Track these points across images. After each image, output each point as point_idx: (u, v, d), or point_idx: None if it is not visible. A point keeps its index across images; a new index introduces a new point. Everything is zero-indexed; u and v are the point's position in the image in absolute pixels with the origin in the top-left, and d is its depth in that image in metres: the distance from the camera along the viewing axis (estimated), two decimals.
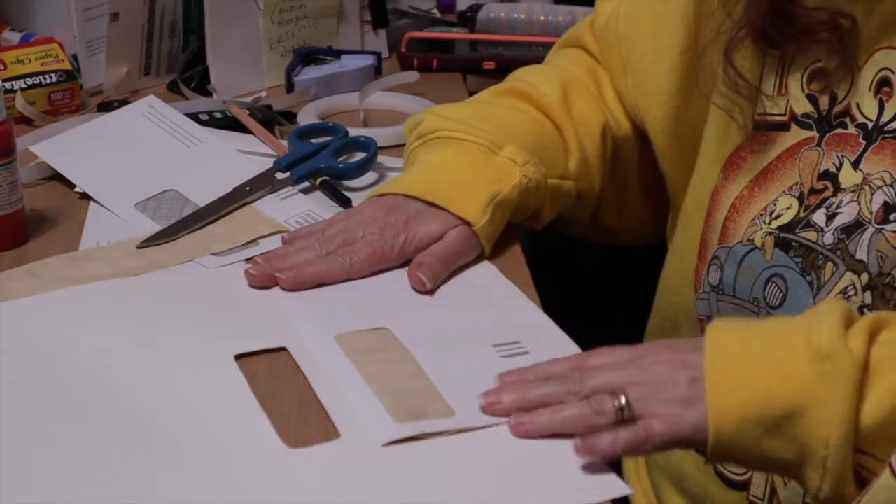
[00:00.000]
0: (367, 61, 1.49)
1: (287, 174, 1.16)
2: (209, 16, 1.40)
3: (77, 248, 1.06)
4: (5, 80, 1.33)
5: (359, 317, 0.94)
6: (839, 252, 0.91)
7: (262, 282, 0.97)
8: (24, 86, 1.35)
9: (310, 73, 1.46)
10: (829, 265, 0.92)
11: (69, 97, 1.38)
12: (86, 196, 1.16)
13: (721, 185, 1.00)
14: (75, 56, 1.42)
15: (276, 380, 0.88)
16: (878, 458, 0.77)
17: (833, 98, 0.94)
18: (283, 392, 0.86)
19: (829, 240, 0.92)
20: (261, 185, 1.14)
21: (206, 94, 1.42)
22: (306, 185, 1.16)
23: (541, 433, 0.80)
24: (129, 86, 1.44)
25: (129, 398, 0.85)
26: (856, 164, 0.92)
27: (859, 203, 0.91)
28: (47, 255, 1.03)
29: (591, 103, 1.13)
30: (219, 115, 1.31)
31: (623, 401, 0.79)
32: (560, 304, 1.00)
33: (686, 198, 1.06)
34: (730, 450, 0.80)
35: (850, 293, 0.91)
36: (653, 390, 0.80)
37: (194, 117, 1.28)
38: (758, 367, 0.79)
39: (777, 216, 0.95)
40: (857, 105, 0.93)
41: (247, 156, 1.22)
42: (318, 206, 1.13)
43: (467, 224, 1.01)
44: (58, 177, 1.19)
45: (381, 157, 1.21)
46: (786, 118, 0.96)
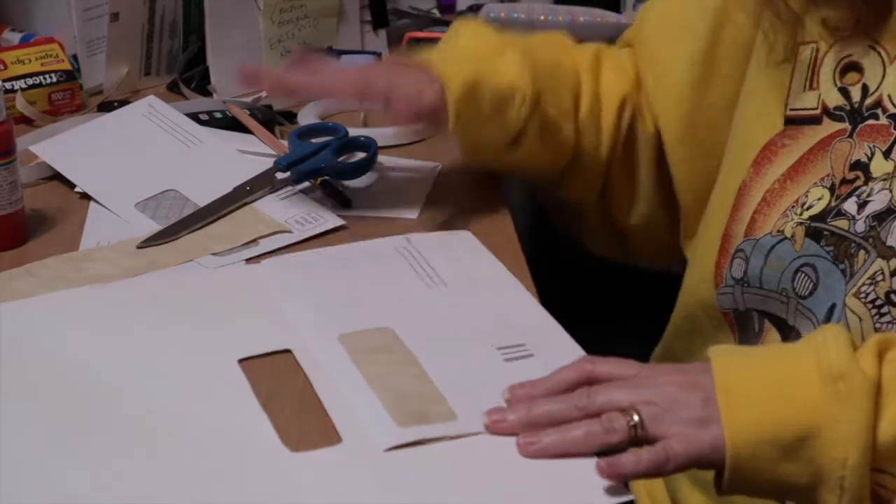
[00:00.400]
0: (368, 61, 1.49)
1: (287, 174, 1.15)
2: (209, 16, 1.40)
3: (77, 249, 1.06)
4: (5, 80, 1.32)
5: (362, 316, 0.94)
6: (871, 239, 0.92)
7: None
8: (24, 86, 1.35)
9: None
10: (862, 252, 0.92)
11: (69, 97, 1.38)
12: (86, 196, 1.15)
13: (750, 180, 1.00)
14: (75, 56, 1.42)
15: (278, 381, 0.87)
16: None
17: (865, 90, 0.95)
18: (284, 393, 0.86)
19: (860, 227, 0.92)
20: (261, 185, 1.14)
21: (207, 94, 1.42)
22: (306, 185, 1.16)
23: (550, 453, 0.79)
24: (130, 86, 1.44)
25: (128, 399, 0.85)
26: (887, 154, 0.93)
27: (891, 191, 0.92)
28: (47, 255, 1.04)
29: (620, 76, 1.14)
30: (219, 115, 1.31)
31: (636, 418, 0.78)
32: (560, 305, 0.99)
33: (710, 196, 1.06)
34: (746, 471, 0.79)
35: (879, 279, 0.91)
36: (665, 410, 0.79)
37: (194, 117, 1.28)
38: (768, 388, 0.79)
39: (808, 207, 0.96)
40: (889, 97, 0.94)
41: (247, 156, 1.22)
42: (318, 206, 1.13)
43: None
44: (58, 177, 1.19)
45: (381, 157, 1.21)
46: (818, 112, 0.97)
